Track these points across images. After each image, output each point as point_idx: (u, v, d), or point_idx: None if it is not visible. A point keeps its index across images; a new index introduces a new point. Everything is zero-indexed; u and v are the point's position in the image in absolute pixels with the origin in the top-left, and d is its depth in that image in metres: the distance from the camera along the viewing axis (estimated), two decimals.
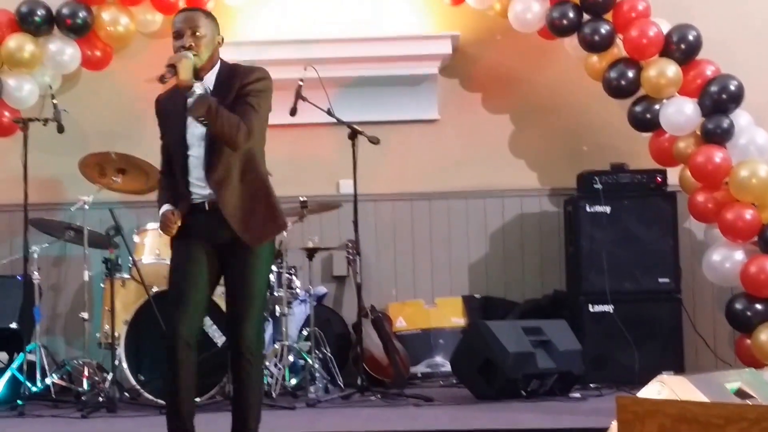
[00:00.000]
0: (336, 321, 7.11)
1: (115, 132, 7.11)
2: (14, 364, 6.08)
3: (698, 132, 6.64)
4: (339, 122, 6.16)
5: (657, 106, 6.70)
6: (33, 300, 6.30)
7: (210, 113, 3.88)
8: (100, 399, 5.86)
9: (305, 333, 6.55)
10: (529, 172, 7.46)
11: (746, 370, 3.33)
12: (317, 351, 6.37)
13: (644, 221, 6.79)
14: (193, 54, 4.01)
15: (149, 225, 6.27)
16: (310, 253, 6.61)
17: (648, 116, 6.76)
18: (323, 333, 6.54)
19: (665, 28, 6.68)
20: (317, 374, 6.25)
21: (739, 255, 6.55)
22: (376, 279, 7.34)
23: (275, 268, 6.32)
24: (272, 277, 6.30)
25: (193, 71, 4.00)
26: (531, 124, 7.49)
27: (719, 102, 6.55)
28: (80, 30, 6.86)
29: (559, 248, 7.25)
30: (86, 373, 6.13)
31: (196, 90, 3.92)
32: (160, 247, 6.11)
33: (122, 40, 7.12)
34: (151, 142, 4.66)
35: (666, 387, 2.88)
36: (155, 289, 5.92)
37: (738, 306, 6.58)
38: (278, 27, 7.44)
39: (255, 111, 4.03)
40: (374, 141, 6.11)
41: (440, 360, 7.11)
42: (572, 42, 6.88)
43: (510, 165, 7.45)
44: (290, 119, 6.21)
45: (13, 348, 6.32)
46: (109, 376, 5.91)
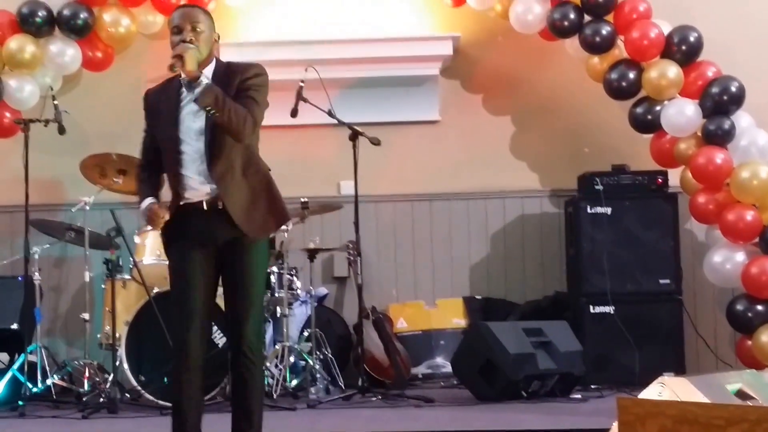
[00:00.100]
0: (337, 322, 7.11)
1: (116, 133, 7.10)
2: (15, 365, 6.08)
3: (699, 133, 6.64)
4: (340, 123, 6.16)
5: (658, 108, 6.70)
6: (34, 301, 6.31)
7: (218, 102, 3.87)
8: (101, 400, 5.86)
9: (306, 334, 6.55)
10: (530, 173, 7.47)
11: (747, 372, 3.33)
12: (318, 352, 6.36)
13: (645, 222, 6.78)
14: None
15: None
16: (311, 254, 6.61)
17: (649, 117, 6.76)
18: (324, 334, 6.53)
19: (666, 30, 6.69)
20: (318, 375, 6.25)
21: (740, 256, 6.55)
22: (377, 280, 7.34)
23: (276, 269, 6.33)
24: (273, 278, 6.31)
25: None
26: (532, 125, 7.49)
27: (720, 103, 6.55)
28: (81, 31, 6.86)
29: (560, 249, 7.25)
30: (87, 374, 6.13)
31: (203, 80, 3.91)
32: (161, 248, 6.09)
33: (123, 41, 7.12)
34: None
35: (667, 388, 2.88)
36: (156, 290, 5.92)
37: (739, 307, 6.58)
38: (279, 28, 7.44)
39: (257, 104, 4.03)
40: (375, 142, 6.11)
41: (441, 361, 7.11)
42: (573, 43, 6.87)
43: (511, 166, 7.45)
44: (291, 120, 6.22)
45: (14, 349, 6.32)
46: (110, 377, 5.91)
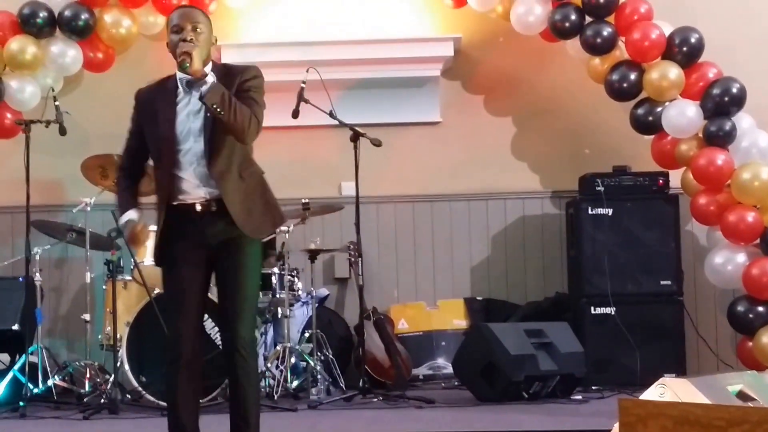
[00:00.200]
0: (338, 323, 7.11)
1: (117, 134, 6.93)
2: (16, 366, 6.09)
3: (700, 134, 6.64)
4: (341, 124, 6.16)
5: (659, 109, 6.70)
6: (35, 301, 6.31)
7: (224, 101, 3.86)
8: (102, 401, 5.86)
9: (307, 335, 6.55)
10: (531, 175, 7.46)
11: (748, 373, 3.32)
12: (319, 353, 6.36)
13: (646, 224, 6.78)
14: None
15: (151, 227, 6.24)
16: (312, 255, 6.61)
17: (650, 119, 6.76)
18: (325, 335, 6.53)
19: (667, 31, 6.68)
20: (319, 376, 6.25)
21: (741, 257, 6.55)
22: (378, 281, 7.34)
23: (277, 270, 6.33)
24: (274, 279, 6.31)
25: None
26: (533, 127, 7.48)
27: (721, 104, 6.55)
28: (82, 32, 6.85)
29: (561, 250, 7.24)
30: (88, 375, 6.14)
31: (209, 78, 3.91)
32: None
33: (124, 42, 7.12)
34: None
35: (668, 389, 2.88)
36: (157, 291, 5.91)
37: (740, 308, 6.58)
38: (280, 29, 7.44)
39: (258, 105, 4.03)
40: (376, 143, 6.11)
41: (442, 362, 7.11)
42: (574, 44, 6.87)
43: (512, 167, 7.45)
44: (292, 121, 6.21)
45: (15, 349, 6.33)
46: (111, 378, 5.91)
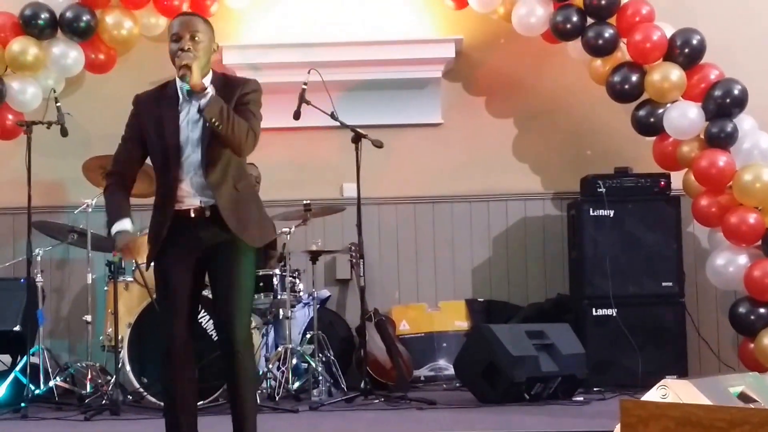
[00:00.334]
0: (339, 324, 7.11)
1: (119, 135, 6.98)
2: (18, 367, 6.08)
3: (702, 136, 6.63)
4: (342, 126, 6.16)
5: (661, 110, 6.70)
6: (36, 303, 6.30)
7: (222, 115, 3.86)
8: (104, 402, 5.85)
9: (308, 336, 6.54)
10: (533, 176, 7.46)
11: (750, 374, 3.32)
12: (320, 354, 6.36)
13: (648, 225, 6.78)
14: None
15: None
16: (314, 257, 6.62)
17: (652, 120, 6.76)
18: (326, 336, 6.53)
19: (669, 32, 6.68)
20: (320, 377, 6.25)
21: (743, 259, 6.55)
22: (380, 282, 7.34)
23: (278, 272, 6.33)
24: (275, 281, 6.31)
25: None
26: (534, 128, 7.49)
27: (723, 106, 6.55)
28: (84, 33, 6.86)
29: (563, 252, 7.24)
30: (89, 376, 6.13)
31: (210, 91, 3.90)
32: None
33: (126, 44, 7.13)
34: None
35: (670, 390, 2.88)
36: None
37: (741, 310, 6.58)
38: (282, 30, 7.44)
39: (256, 119, 4.03)
40: (378, 144, 6.11)
41: (443, 363, 7.11)
42: (576, 46, 6.87)
43: (513, 169, 7.45)
44: (294, 123, 6.21)
45: (17, 350, 6.33)
46: (113, 379, 5.90)
